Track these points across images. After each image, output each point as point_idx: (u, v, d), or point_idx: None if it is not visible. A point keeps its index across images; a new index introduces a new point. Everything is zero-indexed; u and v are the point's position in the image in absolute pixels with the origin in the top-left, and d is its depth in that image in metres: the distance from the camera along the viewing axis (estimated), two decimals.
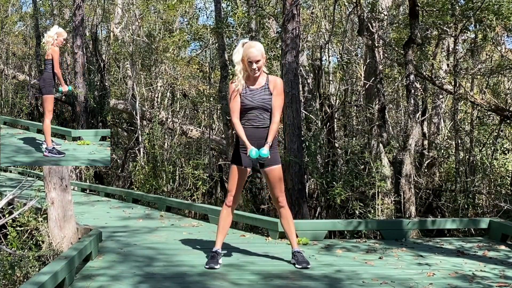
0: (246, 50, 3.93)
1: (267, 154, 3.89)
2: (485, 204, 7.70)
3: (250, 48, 3.92)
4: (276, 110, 4.02)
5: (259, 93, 4.02)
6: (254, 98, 4.01)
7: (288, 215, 4.17)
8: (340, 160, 9.08)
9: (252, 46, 3.93)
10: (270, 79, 4.07)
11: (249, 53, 3.91)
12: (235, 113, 4.03)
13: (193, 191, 10.13)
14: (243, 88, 4.03)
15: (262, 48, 3.99)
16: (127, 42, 13.93)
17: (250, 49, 3.92)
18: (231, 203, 4.11)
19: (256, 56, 3.90)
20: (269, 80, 4.05)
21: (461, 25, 8.16)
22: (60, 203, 4.56)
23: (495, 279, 3.66)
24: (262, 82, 4.04)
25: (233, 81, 4.07)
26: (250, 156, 3.89)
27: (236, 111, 4.03)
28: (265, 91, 4.02)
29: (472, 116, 8.85)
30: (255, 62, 3.91)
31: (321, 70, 9.61)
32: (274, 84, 4.04)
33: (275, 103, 4.02)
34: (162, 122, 12.42)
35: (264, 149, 3.89)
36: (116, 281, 3.63)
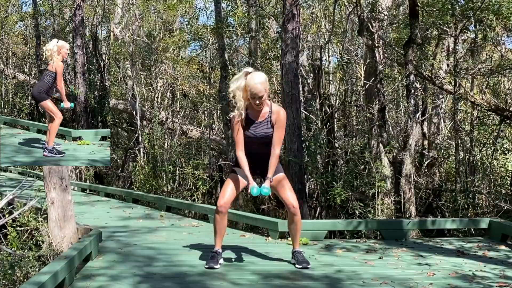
0: (250, 84, 3.81)
1: (268, 192, 3.87)
2: (485, 204, 7.70)
3: (254, 83, 3.79)
4: (277, 143, 3.96)
5: (261, 126, 3.97)
6: (256, 131, 3.96)
7: (298, 221, 4.09)
8: (340, 160, 9.08)
9: (256, 81, 3.80)
10: (274, 110, 3.97)
11: (252, 88, 3.80)
12: (240, 146, 3.98)
13: (193, 191, 10.13)
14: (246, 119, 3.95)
15: (266, 81, 3.88)
16: (127, 42, 13.92)
17: (254, 83, 3.79)
18: (222, 208, 3.98)
19: (260, 91, 3.80)
20: (272, 111, 3.96)
21: (461, 25, 8.16)
22: (60, 203, 4.56)
23: (495, 279, 3.67)
24: (265, 114, 3.97)
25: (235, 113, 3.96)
26: (252, 193, 3.87)
27: (241, 144, 3.98)
28: (267, 124, 3.96)
29: (472, 116, 8.84)
30: (259, 98, 3.83)
31: (321, 70, 9.61)
32: (277, 116, 3.95)
33: (276, 136, 3.95)
34: (162, 122, 12.42)
35: (265, 186, 3.87)
36: (116, 281, 3.64)
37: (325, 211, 8.26)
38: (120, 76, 14.66)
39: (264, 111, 3.97)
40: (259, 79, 3.83)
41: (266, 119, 3.97)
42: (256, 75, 3.87)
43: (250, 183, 3.91)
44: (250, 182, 3.92)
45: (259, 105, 3.87)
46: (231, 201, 4.04)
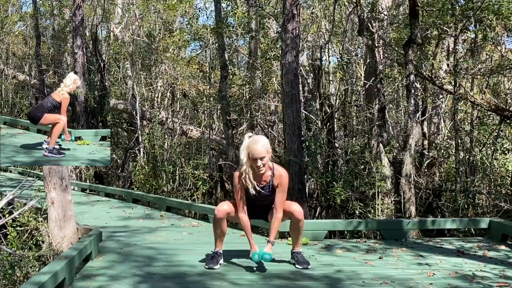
0: (251, 147, 3.80)
1: (269, 258, 3.83)
2: (485, 204, 7.70)
3: (255, 145, 3.79)
4: (279, 206, 3.95)
5: (263, 191, 3.96)
6: (257, 197, 3.96)
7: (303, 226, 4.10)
8: (340, 160, 9.08)
9: (257, 143, 3.80)
10: (276, 174, 3.94)
11: (253, 150, 3.78)
12: (241, 208, 3.97)
13: (193, 191, 10.13)
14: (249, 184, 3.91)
15: (267, 143, 3.86)
16: (127, 42, 13.92)
17: (254, 145, 3.79)
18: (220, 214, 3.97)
19: (260, 153, 3.78)
20: (274, 175, 3.94)
21: (461, 25, 8.15)
22: (60, 203, 4.55)
23: (495, 279, 3.67)
24: (267, 178, 3.95)
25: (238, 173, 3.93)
26: (253, 259, 3.86)
27: (243, 206, 3.97)
28: (269, 188, 3.96)
29: (472, 116, 8.84)
30: (260, 159, 3.80)
31: (321, 70, 9.60)
32: (279, 180, 3.93)
33: (278, 199, 3.95)
34: (162, 122, 12.42)
35: (266, 252, 3.84)
36: (116, 281, 3.64)
37: (325, 211, 8.26)
38: (120, 76, 14.66)
39: (266, 175, 3.94)
40: (260, 141, 3.83)
41: (268, 183, 3.95)
42: (257, 138, 3.89)
43: (252, 249, 3.91)
44: (252, 247, 3.91)
45: (261, 168, 3.82)
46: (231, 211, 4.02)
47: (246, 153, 3.84)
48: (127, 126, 15.06)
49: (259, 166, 3.81)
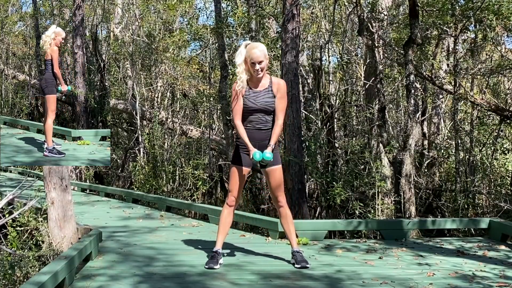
0: (249, 51, 3.91)
1: (270, 157, 3.88)
2: (485, 204, 7.70)
3: (253, 49, 3.90)
4: (280, 112, 4.00)
5: (262, 96, 4.00)
6: (257, 100, 3.99)
7: (287, 215, 4.16)
8: (340, 160, 9.08)
9: (255, 47, 3.92)
10: (274, 81, 4.04)
11: (251, 54, 3.89)
12: (238, 115, 4.02)
13: (193, 191, 10.14)
14: (246, 89, 4.00)
15: (265, 49, 3.96)
16: (127, 42, 13.93)
17: (253, 50, 3.90)
18: (233, 202, 4.11)
19: (259, 56, 3.88)
20: (272, 82, 4.03)
21: (461, 25, 8.15)
22: (60, 203, 4.55)
23: (495, 279, 3.67)
24: (265, 84, 4.02)
25: (236, 82, 4.03)
26: (254, 158, 3.88)
27: (239, 113, 4.01)
28: (268, 93, 4.00)
29: (472, 116, 8.84)
30: (258, 63, 3.89)
31: (321, 70, 9.61)
32: (278, 86, 4.01)
33: (278, 105, 4.00)
34: (162, 122, 12.42)
35: (267, 152, 3.89)
36: (116, 281, 3.64)
37: (325, 211, 8.26)
38: (120, 76, 14.67)
39: (264, 82, 4.02)
40: (258, 46, 3.94)
41: (267, 88, 4.01)
42: (255, 43, 4.01)
43: (251, 150, 3.93)
44: (251, 149, 3.94)
45: (259, 71, 3.91)
46: (240, 194, 4.16)
47: (243, 57, 3.95)
48: (127, 126, 15.06)
49: (257, 69, 3.90)
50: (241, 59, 3.97)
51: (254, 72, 3.94)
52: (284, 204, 4.14)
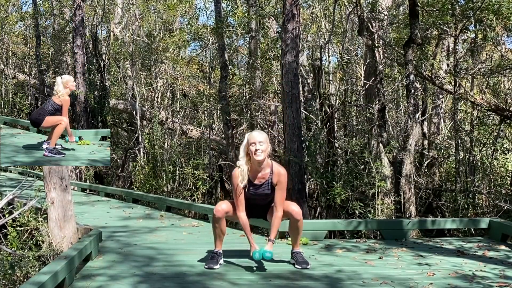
0: (249, 136, 3.87)
1: (270, 256, 3.85)
2: (485, 204, 7.70)
3: (253, 132, 3.91)
4: (279, 204, 3.94)
5: (262, 189, 3.97)
6: (256, 193, 3.97)
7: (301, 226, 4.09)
8: (340, 160, 9.08)
9: (256, 132, 3.92)
10: (275, 171, 3.94)
11: (251, 136, 3.85)
12: (240, 207, 3.96)
13: (193, 191, 10.14)
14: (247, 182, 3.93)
15: (267, 136, 3.91)
16: (127, 42, 13.93)
17: (252, 133, 3.90)
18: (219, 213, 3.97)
19: (258, 137, 3.83)
20: (273, 172, 3.94)
21: (461, 25, 8.15)
22: (60, 203, 4.55)
23: (495, 279, 3.66)
24: (266, 175, 3.94)
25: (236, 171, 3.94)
26: (254, 258, 3.86)
27: (241, 205, 3.96)
28: (267, 186, 3.95)
29: (472, 116, 8.84)
30: (258, 143, 3.80)
31: (321, 70, 9.60)
32: (278, 177, 3.93)
33: (277, 197, 3.94)
34: (162, 122, 12.42)
35: (267, 250, 3.84)
36: (116, 281, 3.64)
37: (325, 211, 8.26)
38: (120, 76, 14.66)
39: (265, 173, 3.94)
40: (259, 131, 3.93)
41: (267, 181, 3.95)
42: (256, 131, 4.01)
43: (252, 247, 3.91)
44: (252, 246, 3.92)
45: (258, 153, 3.80)
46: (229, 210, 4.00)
47: (245, 148, 3.89)
48: (127, 126, 15.06)
49: (257, 150, 3.80)
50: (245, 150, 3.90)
51: (254, 154, 3.82)
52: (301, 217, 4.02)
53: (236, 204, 3.96)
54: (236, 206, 3.97)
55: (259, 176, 3.94)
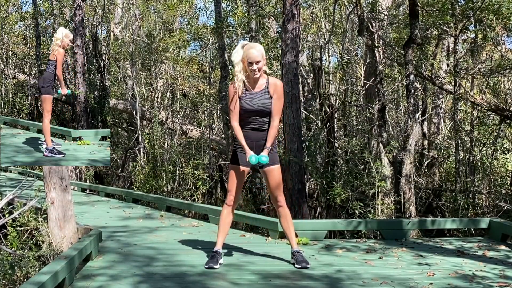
0: (246, 51, 3.90)
1: (266, 160, 3.89)
2: (485, 204, 7.70)
3: (250, 49, 3.89)
4: (276, 114, 3.98)
5: (259, 97, 3.98)
6: (253, 102, 3.97)
7: (287, 215, 4.15)
8: (340, 160, 9.08)
9: (252, 47, 3.90)
10: (271, 81, 4.01)
11: (249, 54, 3.88)
12: (235, 117, 4.00)
13: (193, 191, 10.14)
14: (243, 91, 3.99)
15: (263, 49, 3.95)
16: (127, 42, 13.93)
17: (250, 50, 3.89)
18: (232, 202, 4.10)
19: (256, 56, 3.86)
20: (269, 83, 4.00)
21: (461, 25, 8.16)
22: (60, 203, 4.55)
23: (495, 279, 3.66)
24: (262, 85, 3.99)
25: (233, 83, 4.02)
26: (250, 161, 3.89)
27: (236, 115, 4.00)
28: (264, 94, 3.98)
29: (472, 116, 8.84)
30: (255, 63, 3.87)
31: (321, 70, 9.61)
32: (275, 87, 3.98)
33: (274, 107, 3.97)
34: (162, 122, 12.42)
35: (263, 155, 3.89)
36: (116, 281, 3.64)
37: (325, 211, 8.26)
38: (120, 76, 14.67)
39: (261, 82, 4.00)
40: (255, 46, 3.94)
41: (263, 90, 3.99)
42: (253, 44, 3.99)
43: (247, 152, 3.93)
44: (247, 152, 3.93)
45: (256, 71, 3.89)
46: (239, 194, 4.15)
47: (240, 57, 3.94)
48: (127, 126, 15.06)
49: (254, 69, 3.87)
50: (238, 58, 3.96)
51: (251, 72, 3.92)
52: (284, 204, 4.13)
53: (231, 113, 4.01)
54: (230, 116, 4.03)
55: (255, 86, 4.00)
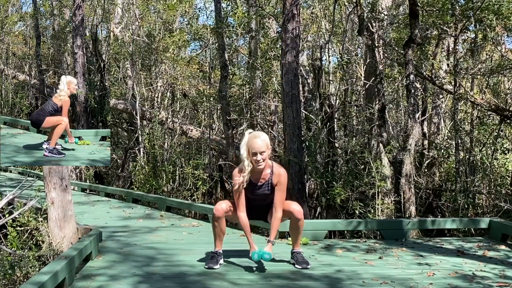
0: (250, 141, 3.82)
1: (269, 257, 3.83)
2: (485, 204, 7.70)
3: (255, 139, 3.81)
4: (278, 205, 3.92)
5: (262, 189, 3.96)
6: (255, 192, 3.96)
7: (301, 226, 4.07)
8: (340, 160, 9.08)
9: (257, 137, 3.83)
10: (275, 172, 3.94)
11: (253, 144, 3.80)
12: (241, 208, 3.94)
13: (193, 191, 10.14)
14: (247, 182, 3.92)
15: (267, 139, 3.87)
16: (127, 42, 13.93)
17: (254, 139, 3.81)
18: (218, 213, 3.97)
19: (260, 147, 3.79)
20: (273, 173, 3.94)
21: (461, 25, 8.16)
22: (60, 203, 4.55)
23: (495, 279, 3.66)
24: (266, 176, 3.94)
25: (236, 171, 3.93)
26: (253, 259, 3.86)
27: (242, 206, 3.94)
28: (267, 186, 3.95)
29: (472, 116, 8.84)
30: (260, 153, 3.80)
31: (321, 70, 9.60)
32: (278, 178, 3.92)
33: (277, 197, 3.92)
34: (162, 122, 12.42)
35: (266, 252, 3.83)
36: (116, 281, 3.64)
37: (325, 211, 8.26)
38: (120, 76, 14.66)
39: (265, 173, 3.94)
40: (260, 136, 3.85)
41: (267, 181, 3.94)
42: (257, 133, 3.91)
43: (251, 248, 3.90)
44: (251, 247, 3.91)
45: (260, 162, 3.81)
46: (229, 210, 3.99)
47: (246, 148, 3.85)
48: (127, 126, 15.06)
49: (258, 160, 3.81)
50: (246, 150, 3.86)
51: (255, 163, 3.84)
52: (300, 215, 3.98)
53: (237, 204, 3.94)
54: (236, 206, 3.96)
55: (259, 177, 3.94)
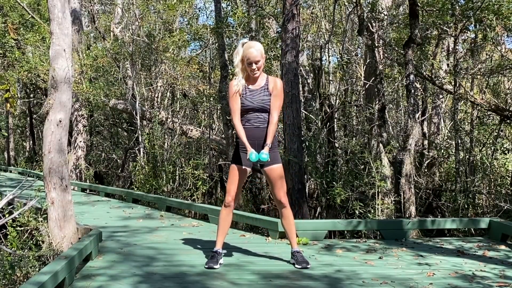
0: (246, 51, 3.94)
1: (266, 158, 3.89)
2: (485, 204, 7.70)
3: (250, 49, 3.92)
4: (275, 110, 4.01)
5: (259, 94, 4.01)
6: (253, 99, 4.00)
7: (289, 215, 4.14)
8: (340, 160, 9.08)
9: (252, 47, 3.93)
10: (270, 79, 4.06)
11: (248, 54, 3.92)
12: (236, 115, 4.03)
13: (193, 191, 10.14)
14: (243, 88, 4.03)
15: (262, 48, 3.98)
16: (127, 42, 13.92)
17: (249, 49, 3.92)
18: (231, 203, 4.09)
19: (255, 56, 3.91)
20: (268, 80, 4.05)
21: (461, 25, 8.16)
22: (60, 203, 4.55)
23: (495, 279, 3.66)
24: (261, 83, 4.04)
25: (233, 80, 4.06)
26: (250, 159, 3.90)
27: (237, 112, 4.03)
28: (264, 91, 4.02)
29: (472, 116, 8.85)
30: (255, 63, 3.92)
31: (321, 70, 9.61)
32: (274, 84, 4.03)
33: (273, 103, 4.01)
34: (162, 122, 12.42)
35: (263, 152, 3.89)
36: (116, 281, 3.64)
37: (325, 211, 8.26)
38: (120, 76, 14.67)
39: (261, 80, 4.06)
40: (254, 45, 3.96)
41: (263, 87, 4.04)
42: (252, 42, 4.01)
43: (248, 150, 3.94)
44: (248, 149, 3.95)
45: (255, 71, 3.94)
46: (239, 194, 4.15)
47: (240, 57, 3.99)
48: (127, 126, 15.06)
49: (253, 69, 3.94)
50: (239, 59, 4.01)
51: (250, 72, 3.97)
52: (287, 205, 4.11)
53: (233, 110, 4.04)
54: (232, 114, 4.06)
55: (255, 82, 4.05)
